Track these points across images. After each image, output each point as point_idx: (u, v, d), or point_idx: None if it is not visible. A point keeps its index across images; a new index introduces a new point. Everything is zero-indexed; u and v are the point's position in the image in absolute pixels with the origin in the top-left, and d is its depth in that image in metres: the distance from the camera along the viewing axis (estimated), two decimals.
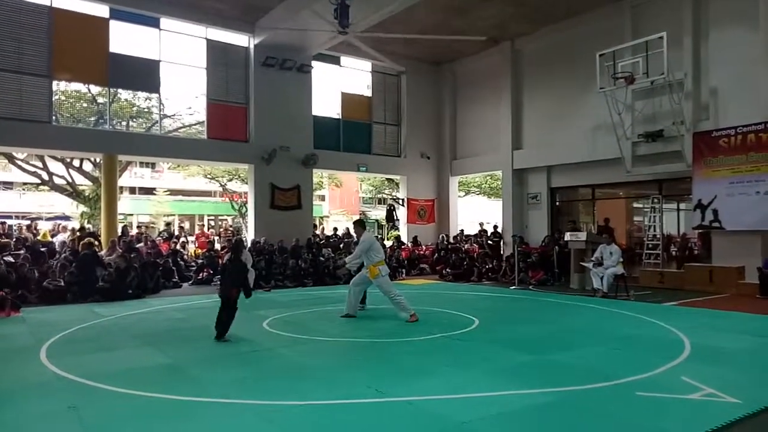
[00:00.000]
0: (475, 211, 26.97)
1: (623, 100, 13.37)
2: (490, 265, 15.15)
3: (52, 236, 14.85)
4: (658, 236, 13.60)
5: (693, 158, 12.44)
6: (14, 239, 12.91)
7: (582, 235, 12.74)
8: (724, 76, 12.25)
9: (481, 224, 19.04)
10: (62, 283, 10.76)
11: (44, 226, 17.98)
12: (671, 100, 12.36)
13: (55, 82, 13.98)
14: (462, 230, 19.27)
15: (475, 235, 18.33)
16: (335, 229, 19.36)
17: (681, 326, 7.53)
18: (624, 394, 4.58)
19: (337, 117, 18.11)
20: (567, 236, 13.10)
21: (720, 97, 12.37)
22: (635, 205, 16.21)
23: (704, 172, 12.29)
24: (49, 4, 13.23)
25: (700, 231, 13.04)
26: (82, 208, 22.15)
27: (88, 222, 19.45)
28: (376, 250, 8.31)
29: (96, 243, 13.02)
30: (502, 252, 16.52)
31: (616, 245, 11.45)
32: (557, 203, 16.92)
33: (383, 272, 8.28)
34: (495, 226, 17.82)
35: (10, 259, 10.92)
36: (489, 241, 16.79)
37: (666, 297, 10.78)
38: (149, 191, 37.48)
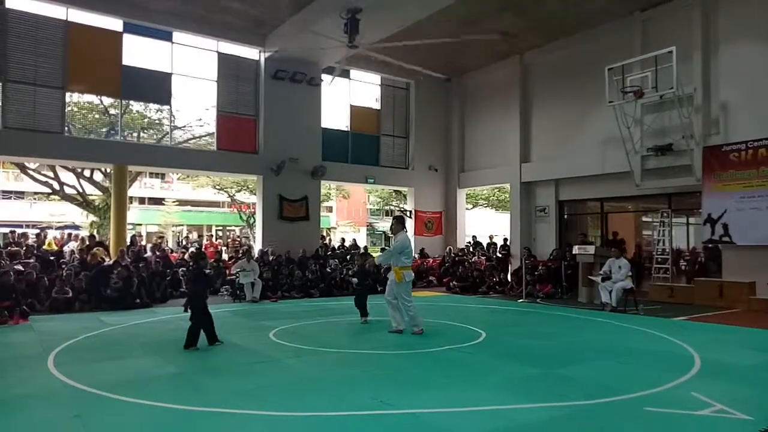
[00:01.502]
0: (483, 224, 26.91)
1: (632, 113, 13.35)
2: (497, 279, 15.08)
3: (61, 246, 14.95)
4: (667, 250, 13.49)
5: (703, 172, 12.37)
6: (24, 248, 13.02)
7: (590, 249, 12.68)
8: (734, 91, 12.22)
9: (491, 237, 18.99)
10: (70, 293, 10.83)
11: (51, 235, 18.11)
12: (680, 114, 12.33)
13: (68, 94, 14.19)
14: (474, 236, 19.13)
15: (484, 247, 18.27)
16: (342, 240, 19.39)
17: (691, 341, 7.44)
18: (632, 410, 4.52)
19: (345, 129, 18.22)
20: (575, 250, 13.03)
21: (730, 112, 12.32)
22: (644, 219, 16.11)
23: (714, 186, 12.21)
24: (65, 19, 13.47)
25: (710, 245, 12.92)
26: (92, 217, 22.36)
27: (98, 231, 19.61)
28: (408, 253, 8.06)
29: (105, 253, 13.14)
30: (509, 265, 16.44)
31: (625, 259, 11.38)
32: (565, 216, 16.86)
33: (407, 278, 8.05)
34: (505, 239, 17.77)
35: (20, 267, 11.01)
36: (498, 254, 16.72)
37: (675, 312, 10.67)
38: (158, 201, 37.77)
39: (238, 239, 23.84)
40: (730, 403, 4.59)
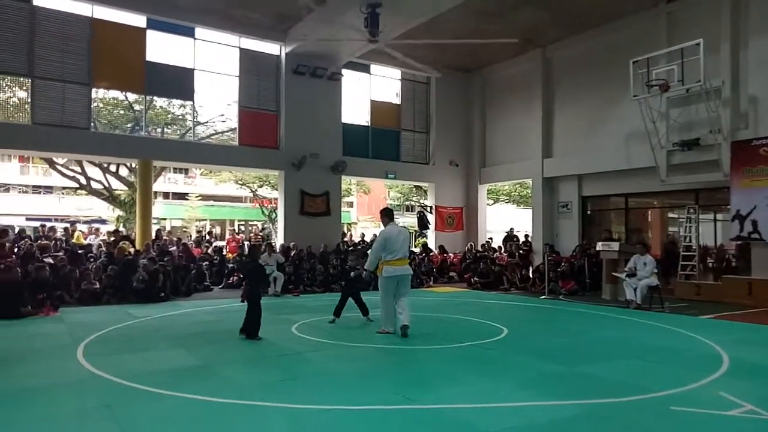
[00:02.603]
0: (504, 220, 26.70)
1: (658, 107, 13.10)
2: (519, 275, 14.96)
3: (85, 238, 15.30)
4: (694, 247, 13.22)
5: (731, 167, 12.08)
6: (53, 241, 13.34)
7: (615, 245, 12.47)
8: (764, 84, 11.89)
9: (511, 230, 18.78)
10: (98, 285, 11.06)
11: (79, 229, 18.50)
12: (708, 107, 12.05)
13: (94, 90, 14.45)
14: (491, 238, 19.03)
15: (505, 242, 18.12)
16: (362, 235, 19.42)
17: (719, 340, 7.29)
18: (658, 409, 4.45)
19: (366, 124, 18.22)
20: (599, 246, 12.85)
21: (760, 105, 11.99)
22: (670, 215, 15.82)
23: (743, 181, 11.92)
24: (90, 16, 13.71)
25: (739, 243, 12.63)
26: (118, 211, 22.80)
27: (124, 226, 19.98)
28: (390, 249, 7.31)
29: (131, 247, 13.38)
30: (531, 261, 16.29)
31: (651, 256, 11.18)
32: (588, 212, 16.64)
33: (385, 273, 7.34)
34: (526, 235, 17.61)
35: (50, 260, 11.29)
36: (520, 250, 16.59)
37: (703, 310, 10.46)
38: (182, 196, 38.30)
39: (260, 234, 24.05)
40: (760, 404, 4.49)
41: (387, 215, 7.87)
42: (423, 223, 18.54)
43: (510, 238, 18.22)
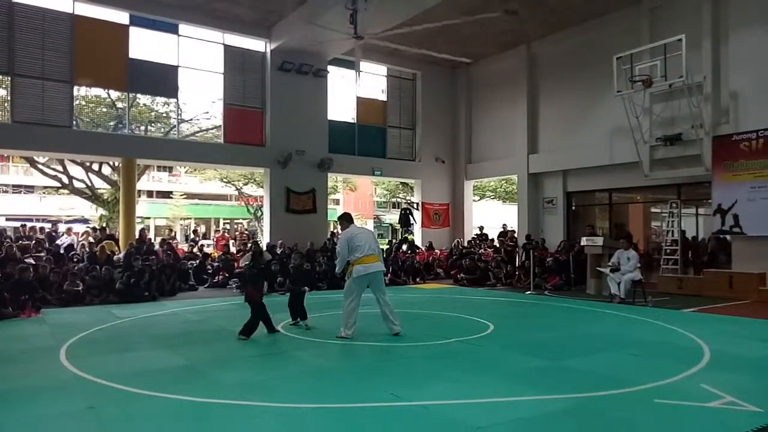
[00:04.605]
0: (490, 216, 26.82)
1: (641, 103, 13.23)
2: (505, 270, 15.06)
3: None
4: (676, 241, 13.41)
5: (712, 162, 12.26)
6: (34, 241, 13.12)
7: (598, 240, 12.61)
8: (744, 79, 12.06)
9: (504, 226, 18.78)
10: (81, 286, 10.92)
11: (62, 229, 18.19)
12: (690, 103, 12.21)
13: (76, 88, 14.23)
14: (481, 227, 18.90)
15: (491, 239, 18.18)
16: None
17: (700, 333, 7.41)
18: (642, 401, 4.52)
19: (352, 121, 18.18)
20: (583, 241, 12.98)
21: (740, 101, 12.18)
22: (653, 209, 16.01)
23: (724, 176, 12.10)
24: (71, 12, 13.49)
25: (720, 236, 12.83)
26: (101, 211, 22.50)
27: (107, 225, 19.73)
28: (355, 248, 7.18)
29: (115, 246, 13.23)
30: (516, 257, 16.40)
31: (634, 250, 11.32)
32: (573, 207, 16.79)
33: (355, 273, 7.17)
34: (512, 231, 17.70)
35: (32, 261, 11.11)
36: (506, 246, 16.68)
37: (685, 303, 10.63)
38: (166, 195, 37.93)
39: (246, 232, 23.90)
40: (740, 395, 4.57)
41: (346, 219, 7.81)
42: (407, 221, 18.56)
43: (504, 234, 18.28)
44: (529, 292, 12.76)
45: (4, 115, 12.93)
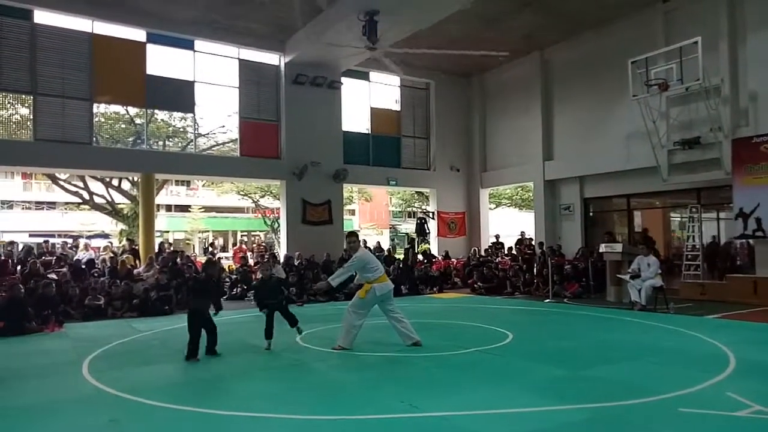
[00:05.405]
0: (507, 224, 26.64)
1: (657, 107, 13.10)
2: (523, 279, 14.92)
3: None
4: (697, 246, 13.18)
5: (733, 165, 12.06)
6: (55, 257, 13.33)
7: (618, 247, 12.44)
8: (763, 80, 11.88)
9: (522, 233, 18.60)
10: (102, 300, 11.06)
11: (83, 243, 18.45)
12: (708, 106, 12.05)
13: (95, 105, 14.53)
14: (497, 236, 18.74)
15: (509, 247, 18.01)
16: (365, 242, 19.36)
17: (725, 340, 7.25)
18: (666, 410, 4.43)
19: (366, 132, 18.27)
20: (602, 248, 12.81)
21: (760, 102, 11.98)
22: (672, 215, 15.78)
23: (745, 179, 11.89)
24: (90, 31, 13.81)
25: (743, 240, 12.58)
26: (121, 225, 22.84)
27: (127, 239, 20.00)
28: (370, 269, 7.29)
29: (135, 260, 13.39)
30: (535, 264, 16.21)
31: (654, 256, 11.15)
32: (591, 214, 16.61)
33: (379, 291, 7.22)
34: (530, 239, 17.54)
35: (54, 276, 11.30)
36: (523, 254, 16.52)
37: (708, 310, 10.42)
38: (184, 209, 38.37)
39: (263, 244, 24.05)
40: (767, 404, 4.47)
41: (356, 237, 7.91)
42: (422, 230, 18.51)
43: (521, 241, 18.10)
44: (548, 300, 12.63)
45: (27, 134, 13.21)
